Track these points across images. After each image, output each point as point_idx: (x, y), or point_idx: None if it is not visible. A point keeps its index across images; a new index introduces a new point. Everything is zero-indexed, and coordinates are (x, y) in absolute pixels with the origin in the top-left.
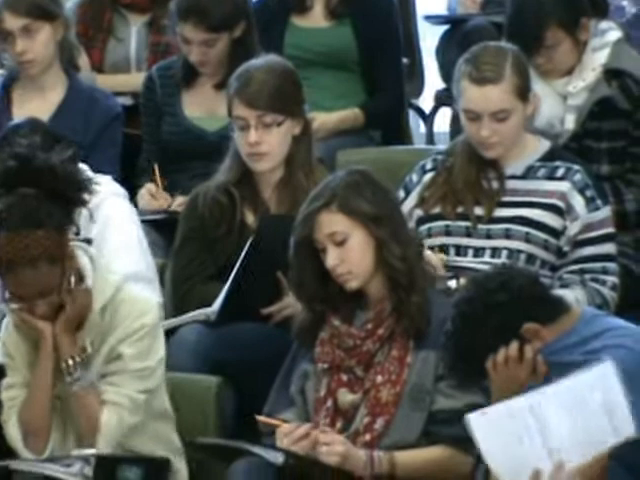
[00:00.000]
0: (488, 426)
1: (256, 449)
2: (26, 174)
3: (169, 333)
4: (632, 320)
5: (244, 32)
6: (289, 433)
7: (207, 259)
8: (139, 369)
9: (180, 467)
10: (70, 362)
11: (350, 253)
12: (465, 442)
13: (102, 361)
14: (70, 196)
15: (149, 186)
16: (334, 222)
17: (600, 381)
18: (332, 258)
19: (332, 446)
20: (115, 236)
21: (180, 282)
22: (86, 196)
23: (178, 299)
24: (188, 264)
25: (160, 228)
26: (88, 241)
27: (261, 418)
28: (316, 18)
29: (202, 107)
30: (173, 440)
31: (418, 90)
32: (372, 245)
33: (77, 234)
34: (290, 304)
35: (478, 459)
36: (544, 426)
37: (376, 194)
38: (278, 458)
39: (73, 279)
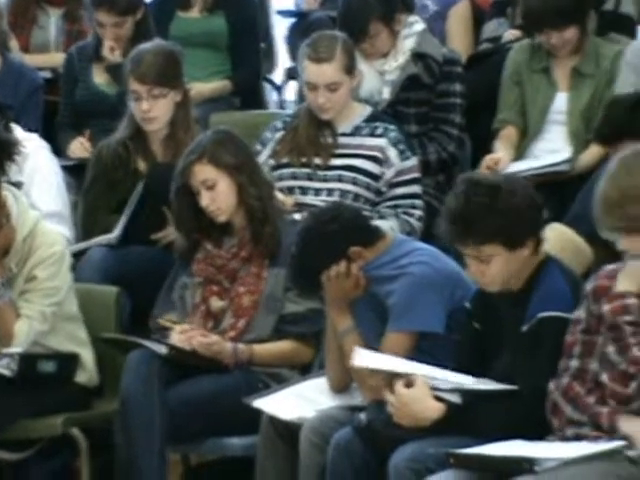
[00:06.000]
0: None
1: (146, 342)
2: None
3: (80, 254)
4: (432, 243)
5: (144, 14)
6: (184, 331)
7: (109, 197)
8: (49, 287)
9: (88, 357)
10: None
11: (218, 195)
12: (306, 338)
13: (22, 281)
14: (3, 159)
15: (81, 139)
16: (205, 171)
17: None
18: (205, 199)
19: (211, 340)
20: (41, 181)
21: (88, 214)
22: (16, 156)
23: (87, 227)
24: (94, 200)
25: (73, 172)
26: (19, 184)
27: (162, 321)
28: (195, 11)
29: (106, 76)
30: (82, 336)
31: (272, 67)
32: (235, 188)
33: (8, 181)
34: (173, 232)
35: (316, 349)
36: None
37: (237, 148)
38: (162, 349)
39: (4, 220)
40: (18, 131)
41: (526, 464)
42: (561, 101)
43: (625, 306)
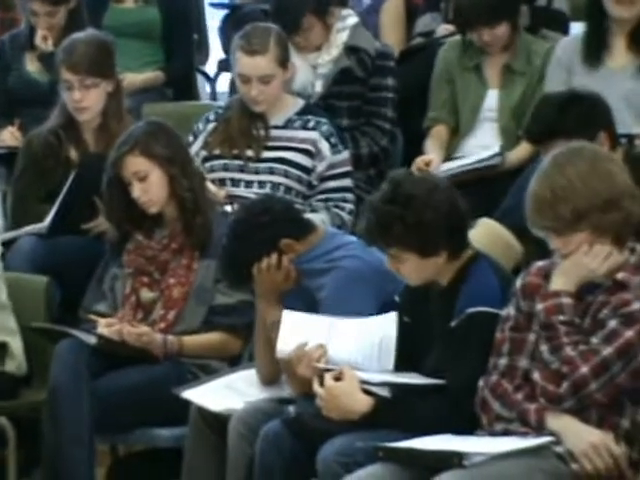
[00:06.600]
0: (294, 320)
1: (75, 332)
2: None
3: (10, 243)
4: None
5: (77, 4)
6: (109, 324)
7: (39, 186)
8: None
9: (17, 346)
10: None
11: (150, 186)
12: (236, 329)
13: None
14: None
15: (11, 128)
16: (137, 163)
17: (383, 326)
18: (137, 190)
19: (140, 331)
20: None
21: (18, 203)
22: None
23: (17, 216)
24: (25, 189)
25: (4, 161)
26: None
27: (91, 316)
28: (129, 1)
29: (38, 64)
30: (11, 325)
31: (205, 59)
32: (166, 180)
33: None
34: (104, 222)
35: (245, 341)
36: (332, 341)
37: (169, 140)
38: (91, 339)
39: None
40: None
41: (455, 458)
42: (492, 98)
43: (559, 305)
